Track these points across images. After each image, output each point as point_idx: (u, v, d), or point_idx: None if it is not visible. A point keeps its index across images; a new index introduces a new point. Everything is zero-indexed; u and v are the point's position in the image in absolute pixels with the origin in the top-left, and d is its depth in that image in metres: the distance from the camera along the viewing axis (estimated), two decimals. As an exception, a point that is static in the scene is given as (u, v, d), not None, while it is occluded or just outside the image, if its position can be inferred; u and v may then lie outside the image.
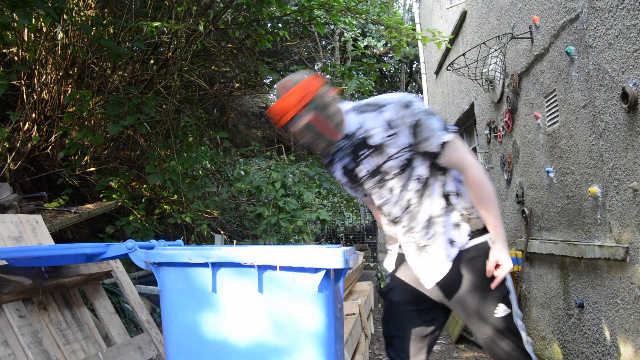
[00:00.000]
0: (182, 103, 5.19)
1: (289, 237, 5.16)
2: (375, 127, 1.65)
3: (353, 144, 1.70)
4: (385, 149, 1.65)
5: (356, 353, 3.09)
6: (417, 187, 1.68)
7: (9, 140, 3.90)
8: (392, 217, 1.73)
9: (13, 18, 3.06)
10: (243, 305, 1.65)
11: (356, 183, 1.76)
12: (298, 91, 1.61)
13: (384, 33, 5.11)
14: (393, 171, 1.66)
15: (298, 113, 1.61)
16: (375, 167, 1.68)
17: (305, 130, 1.65)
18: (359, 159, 1.70)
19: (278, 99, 1.63)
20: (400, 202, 1.70)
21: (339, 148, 1.74)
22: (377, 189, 1.72)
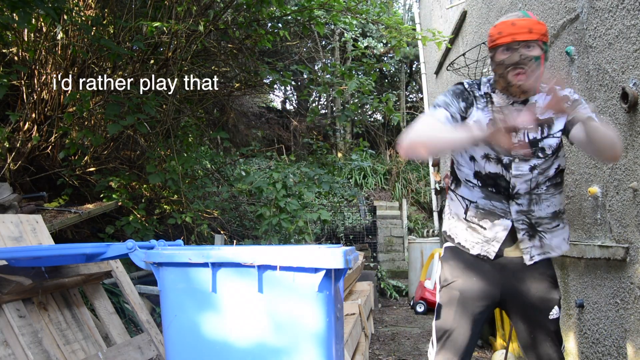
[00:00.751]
0: (182, 103, 5.19)
1: (289, 238, 5.16)
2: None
3: (528, 106, 1.64)
4: (552, 124, 1.65)
5: (356, 353, 3.09)
6: (551, 175, 1.68)
7: (9, 140, 3.90)
8: (514, 191, 1.68)
9: (13, 19, 3.06)
10: (243, 305, 1.65)
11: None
12: (545, 27, 1.62)
13: (384, 33, 5.11)
14: (548, 151, 1.65)
15: (539, 40, 1.59)
16: (532, 141, 1.65)
17: (531, 60, 1.58)
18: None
19: (524, 17, 1.61)
20: (531, 182, 1.67)
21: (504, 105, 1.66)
22: (520, 161, 1.66)
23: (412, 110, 14.03)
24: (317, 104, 14.47)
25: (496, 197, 1.71)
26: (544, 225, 1.71)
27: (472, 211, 1.76)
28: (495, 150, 1.67)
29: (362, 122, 13.35)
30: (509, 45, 1.59)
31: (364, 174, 11.48)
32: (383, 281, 7.97)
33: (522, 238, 1.71)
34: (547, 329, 1.72)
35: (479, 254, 1.76)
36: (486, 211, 1.74)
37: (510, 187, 1.68)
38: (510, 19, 1.62)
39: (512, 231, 1.71)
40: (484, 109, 1.70)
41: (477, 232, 1.76)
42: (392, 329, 5.24)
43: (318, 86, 5.60)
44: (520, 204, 1.69)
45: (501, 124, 1.41)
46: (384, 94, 5.48)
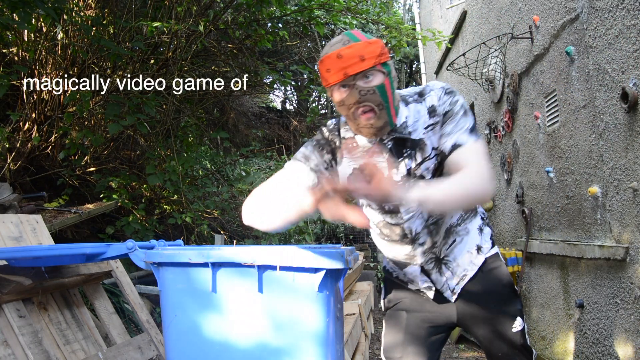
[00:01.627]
0: (182, 103, 5.20)
1: (290, 237, 5.16)
2: (421, 114, 1.38)
3: (397, 139, 1.38)
4: (424, 146, 1.37)
5: (356, 353, 3.09)
6: None
7: (9, 140, 3.90)
8: (414, 234, 1.45)
9: (13, 19, 3.06)
10: (243, 305, 1.65)
11: None
12: (380, 44, 1.30)
13: (384, 33, 5.11)
14: (428, 175, 1.38)
15: (376, 66, 1.28)
16: (409, 170, 1.38)
17: (373, 93, 1.28)
18: (400, 159, 1.38)
19: (354, 42, 1.28)
20: (423, 215, 1.44)
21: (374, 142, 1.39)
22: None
23: (412, 110, 14.03)
24: (317, 104, 14.47)
25: (396, 244, 1.51)
26: (442, 249, 1.49)
27: (386, 258, 1.63)
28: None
29: (362, 122, 13.34)
30: (344, 82, 1.29)
31: (364, 174, 11.46)
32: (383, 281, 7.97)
33: (435, 277, 1.52)
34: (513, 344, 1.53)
35: (418, 290, 1.59)
36: (394, 262, 1.59)
37: (407, 232, 1.45)
38: (335, 49, 1.28)
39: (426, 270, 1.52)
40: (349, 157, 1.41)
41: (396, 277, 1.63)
42: (392, 329, 5.23)
43: (318, 86, 5.60)
44: (423, 243, 1.47)
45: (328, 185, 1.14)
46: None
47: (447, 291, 1.53)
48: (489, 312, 1.53)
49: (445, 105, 1.38)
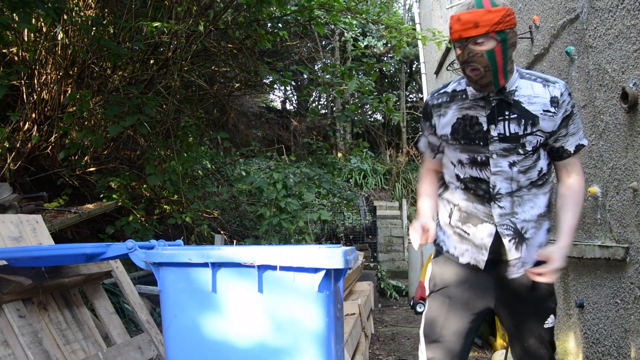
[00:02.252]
0: (182, 103, 5.19)
1: (290, 238, 5.16)
2: (539, 97, 1.56)
3: (502, 100, 1.56)
4: (537, 122, 1.54)
5: (356, 353, 3.09)
6: (534, 178, 1.60)
7: (9, 140, 3.90)
8: (495, 192, 1.59)
9: (13, 19, 3.06)
10: (243, 305, 1.65)
11: (470, 140, 1.60)
12: (502, 12, 1.45)
13: (384, 33, 5.11)
14: (528, 147, 1.56)
15: (489, 33, 1.45)
16: (513, 134, 1.55)
17: (481, 56, 1.47)
18: (500, 118, 1.56)
19: (477, 7, 1.46)
20: (512, 182, 1.59)
21: (482, 97, 1.57)
22: (500, 157, 1.57)
23: (412, 110, 14.04)
24: (317, 104, 14.48)
25: (478, 199, 1.64)
26: (530, 230, 1.62)
27: (455, 215, 1.70)
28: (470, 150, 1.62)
29: (362, 122, 13.37)
30: (459, 42, 1.50)
31: (364, 174, 11.48)
32: (383, 281, 7.97)
33: (509, 247, 1.61)
34: (542, 338, 1.66)
35: (469, 263, 1.68)
36: (469, 214, 1.66)
37: (491, 187, 1.60)
38: (458, 12, 1.48)
39: (499, 238, 1.62)
40: (457, 107, 1.64)
41: (463, 237, 1.69)
42: (392, 329, 5.24)
43: (318, 86, 5.60)
44: (502, 206, 1.60)
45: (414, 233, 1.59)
46: (384, 94, 5.49)
47: (514, 267, 1.62)
48: (527, 304, 1.65)
49: (568, 106, 1.58)
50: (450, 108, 1.64)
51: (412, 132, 14.07)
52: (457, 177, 1.68)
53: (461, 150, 1.63)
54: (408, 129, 13.95)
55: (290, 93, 14.71)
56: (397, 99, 13.42)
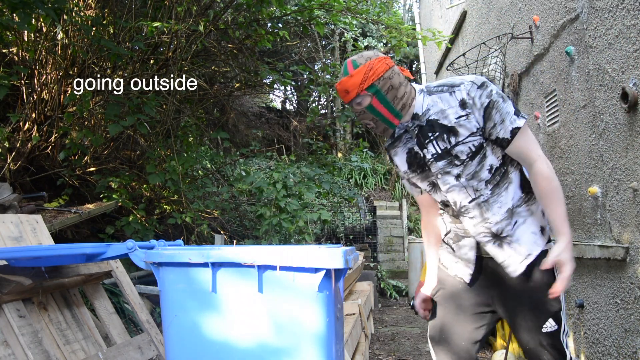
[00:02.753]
0: (182, 103, 5.20)
1: (289, 238, 5.16)
2: (449, 108, 1.58)
3: (420, 125, 1.62)
4: (456, 131, 1.57)
5: (356, 353, 3.09)
6: (488, 177, 1.59)
7: (9, 140, 3.90)
8: (459, 207, 1.63)
9: (13, 20, 3.06)
10: (243, 305, 1.65)
11: (420, 168, 1.67)
12: (362, 72, 1.57)
13: (384, 33, 5.11)
14: (462, 156, 1.58)
15: (360, 94, 1.58)
16: (443, 150, 1.59)
17: (365, 113, 1.61)
18: (427, 141, 1.61)
19: (344, 76, 1.60)
20: (467, 191, 1.61)
21: (405, 130, 1.67)
22: (444, 175, 1.61)
23: (412, 110, 14.02)
24: (317, 104, 14.48)
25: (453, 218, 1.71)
26: (505, 228, 1.60)
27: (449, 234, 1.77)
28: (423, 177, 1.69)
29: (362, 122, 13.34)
30: (348, 104, 1.66)
31: (364, 174, 11.48)
32: (383, 281, 7.97)
33: (493, 251, 1.62)
34: (541, 343, 1.60)
35: (456, 275, 1.74)
36: (455, 233, 1.73)
37: (452, 204, 1.65)
38: (338, 79, 1.64)
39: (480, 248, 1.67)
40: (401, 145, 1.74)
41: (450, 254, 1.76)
42: (392, 329, 5.24)
43: (318, 86, 5.60)
44: (473, 216, 1.62)
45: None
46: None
47: (509, 267, 1.60)
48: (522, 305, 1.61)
49: (482, 99, 1.56)
50: (398, 147, 1.73)
51: (412, 132, 14.06)
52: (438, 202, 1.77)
53: (421, 179, 1.70)
54: (408, 129, 13.93)
55: (290, 93, 14.71)
56: (397, 99, 13.40)
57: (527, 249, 1.59)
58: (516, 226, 1.60)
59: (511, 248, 1.60)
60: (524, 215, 1.61)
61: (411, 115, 1.63)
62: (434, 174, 1.63)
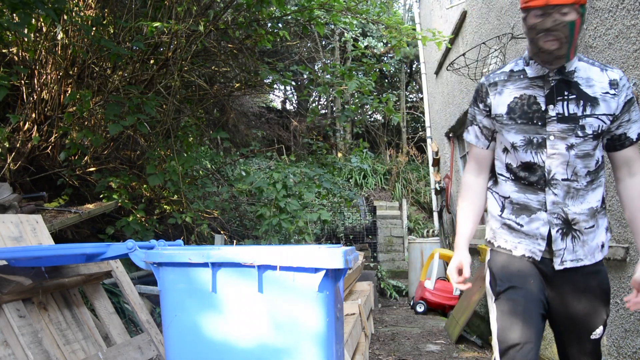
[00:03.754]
0: (182, 103, 5.19)
1: (289, 238, 5.16)
2: (597, 81, 1.52)
3: (562, 80, 1.53)
4: (597, 104, 1.50)
5: (356, 353, 3.09)
6: (592, 167, 1.54)
7: (9, 140, 3.90)
8: (550, 177, 1.53)
9: (13, 21, 3.06)
10: (243, 305, 1.65)
11: (529, 120, 1.55)
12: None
13: (384, 33, 5.11)
14: (588, 130, 1.50)
15: (575, 4, 1.43)
16: (571, 115, 1.50)
17: (563, 26, 1.44)
18: (559, 98, 1.52)
19: None
20: (568, 168, 1.53)
21: (542, 76, 1.54)
22: (557, 138, 1.51)
23: (412, 110, 14.04)
24: (317, 104, 14.48)
25: (530, 188, 1.58)
26: (580, 223, 1.55)
27: (507, 208, 1.63)
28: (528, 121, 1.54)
29: (362, 122, 13.37)
30: (543, 9, 1.44)
31: (364, 174, 11.48)
32: (383, 281, 7.97)
33: (555, 236, 1.55)
34: (584, 349, 1.57)
35: (524, 255, 1.61)
36: (521, 206, 1.60)
37: (546, 172, 1.54)
38: None
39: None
40: (514, 87, 1.59)
41: (516, 230, 1.62)
42: (392, 329, 5.24)
43: (318, 86, 5.60)
44: (557, 194, 1.54)
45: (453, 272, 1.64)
46: (384, 94, 5.49)
47: (558, 257, 1.55)
48: (578, 310, 1.55)
49: (629, 91, 1.53)
50: (507, 87, 1.60)
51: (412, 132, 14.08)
52: (508, 167, 1.63)
53: (517, 131, 1.57)
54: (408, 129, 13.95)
55: (290, 93, 14.71)
56: (397, 99, 13.42)
57: (584, 254, 1.56)
58: (590, 230, 1.56)
59: (572, 243, 1.55)
60: (600, 224, 1.59)
61: (558, 66, 1.52)
62: (548, 133, 1.52)
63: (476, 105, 1.69)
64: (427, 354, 4.08)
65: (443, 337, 4.75)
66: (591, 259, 1.57)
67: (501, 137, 1.63)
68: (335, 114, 12.76)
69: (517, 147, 1.57)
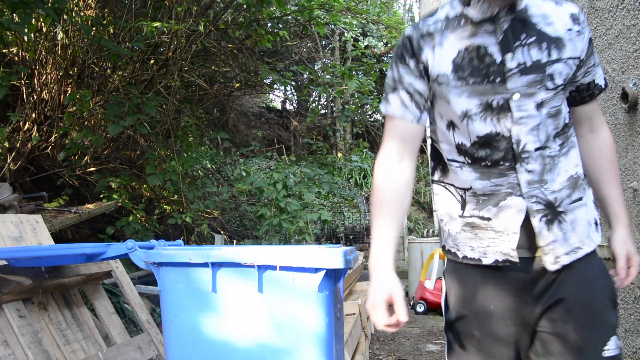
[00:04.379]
0: (182, 103, 5.20)
1: (290, 238, 5.16)
2: (556, 17, 1.18)
3: (516, 20, 1.15)
4: (563, 45, 1.17)
5: (356, 353, 3.09)
6: (560, 127, 1.19)
7: (9, 140, 3.90)
8: (520, 149, 1.15)
9: (13, 21, 3.07)
10: (243, 305, 1.65)
11: (483, 77, 1.15)
12: None
13: (384, 33, 5.11)
14: (558, 80, 1.16)
15: None
16: (535, 63, 1.14)
17: None
18: (516, 44, 1.14)
19: None
20: (539, 133, 1.16)
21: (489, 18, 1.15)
22: (524, 96, 1.14)
23: (412, 110, 14.03)
24: (317, 104, 14.48)
25: (495, 170, 1.18)
26: (565, 201, 1.17)
27: (471, 203, 1.22)
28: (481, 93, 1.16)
29: (362, 122, 13.37)
30: None
31: (364, 174, 11.49)
32: (383, 281, 7.97)
33: (539, 227, 1.15)
34: None
35: (497, 261, 1.19)
36: (487, 195, 1.19)
37: (514, 143, 1.15)
38: None
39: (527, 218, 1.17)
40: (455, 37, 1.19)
41: (482, 228, 1.21)
42: (392, 329, 5.24)
43: (318, 86, 5.60)
44: (531, 170, 1.15)
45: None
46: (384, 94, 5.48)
47: (549, 254, 1.16)
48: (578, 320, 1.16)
49: (587, 28, 1.24)
50: (445, 37, 1.19)
51: (412, 132, 14.07)
52: (460, 148, 1.21)
53: (469, 94, 1.16)
54: (408, 129, 13.94)
55: (290, 93, 14.71)
56: (397, 99, 13.41)
57: (578, 239, 1.18)
58: (576, 205, 1.19)
59: (561, 230, 1.16)
60: (587, 194, 1.24)
61: (507, 5, 1.14)
62: (510, 91, 1.14)
63: (403, 64, 1.22)
64: (427, 354, 4.08)
65: (443, 337, 4.76)
66: (590, 243, 1.20)
67: (444, 107, 1.21)
68: (335, 114, 12.77)
69: (472, 117, 1.17)
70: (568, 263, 1.17)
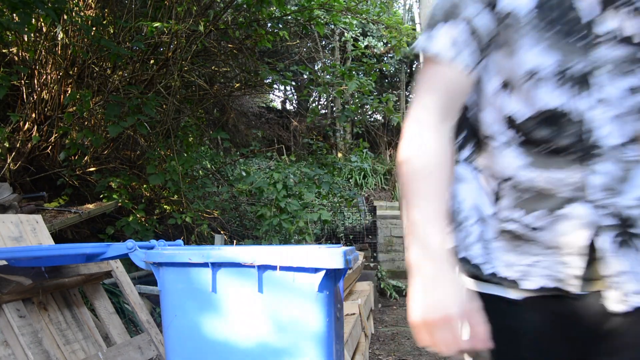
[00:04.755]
0: (182, 103, 5.20)
1: (290, 238, 5.17)
2: None
3: None
4: None
5: (356, 353, 3.09)
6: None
7: (9, 140, 3.90)
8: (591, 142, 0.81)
9: (13, 21, 3.07)
10: (243, 305, 1.65)
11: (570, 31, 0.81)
12: None
13: (384, 33, 5.12)
14: None
15: None
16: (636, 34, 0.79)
17: None
18: (619, 2, 0.79)
19: None
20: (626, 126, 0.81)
21: None
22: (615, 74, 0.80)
23: (412, 110, 14.03)
24: (317, 104, 14.48)
25: (556, 160, 0.84)
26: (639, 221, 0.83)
27: (507, 199, 0.88)
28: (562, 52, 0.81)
29: (362, 122, 13.38)
30: None
31: (364, 174, 11.49)
32: (383, 281, 7.97)
33: (607, 250, 0.82)
34: None
35: (543, 289, 0.85)
36: (536, 193, 0.85)
37: (586, 131, 0.82)
38: None
39: None
40: None
41: (526, 239, 0.87)
42: (392, 329, 5.24)
43: (318, 86, 5.60)
44: (606, 172, 0.81)
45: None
46: (384, 94, 5.49)
47: (617, 289, 0.82)
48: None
49: None
50: None
51: (412, 132, 14.07)
52: (511, 120, 0.87)
53: (550, 44, 0.81)
54: (408, 129, 13.94)
55: (290, 93, 14.71)
56: (397, 99, 13.43)
57: None
58: None
59: (636, 259, 0.82)
60: None
61: None
62: (596, 62, 0.81)
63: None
64: (427, 354, 4.08)
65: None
66: None
67: (503, 59, 0.86)
68: (335, 114, 12.77)
69: (542, 79, 0.82)
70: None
